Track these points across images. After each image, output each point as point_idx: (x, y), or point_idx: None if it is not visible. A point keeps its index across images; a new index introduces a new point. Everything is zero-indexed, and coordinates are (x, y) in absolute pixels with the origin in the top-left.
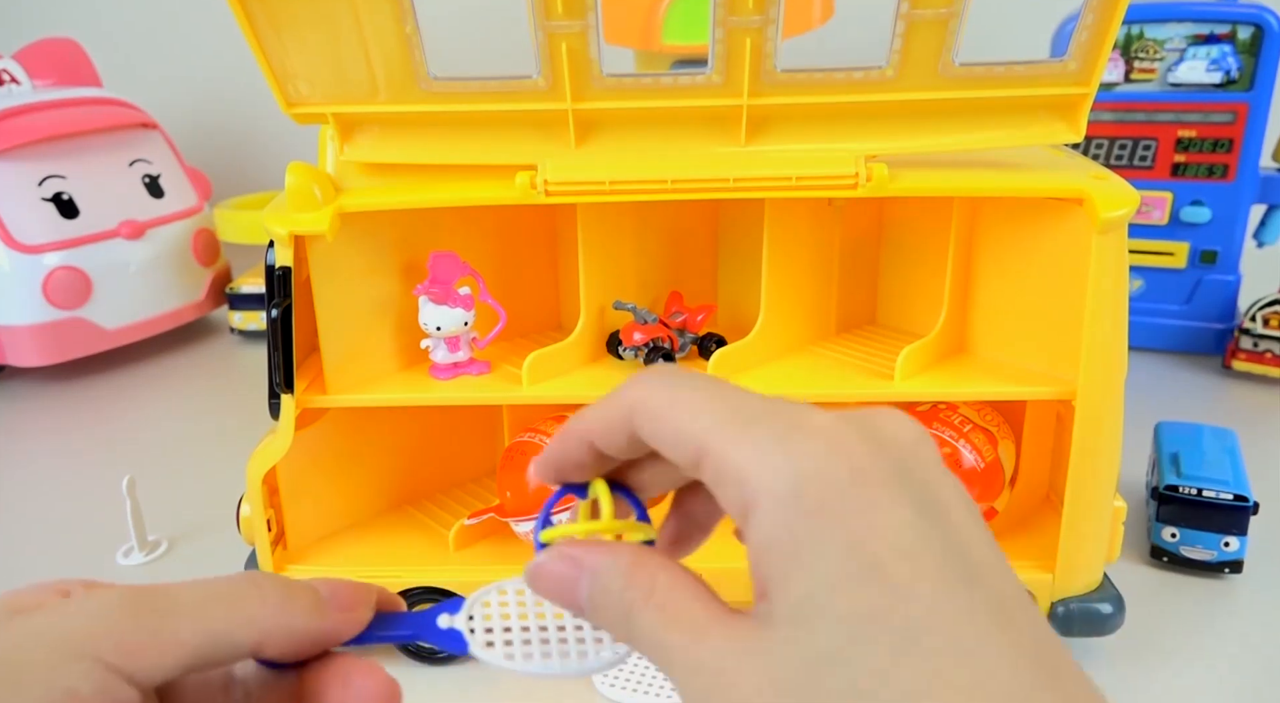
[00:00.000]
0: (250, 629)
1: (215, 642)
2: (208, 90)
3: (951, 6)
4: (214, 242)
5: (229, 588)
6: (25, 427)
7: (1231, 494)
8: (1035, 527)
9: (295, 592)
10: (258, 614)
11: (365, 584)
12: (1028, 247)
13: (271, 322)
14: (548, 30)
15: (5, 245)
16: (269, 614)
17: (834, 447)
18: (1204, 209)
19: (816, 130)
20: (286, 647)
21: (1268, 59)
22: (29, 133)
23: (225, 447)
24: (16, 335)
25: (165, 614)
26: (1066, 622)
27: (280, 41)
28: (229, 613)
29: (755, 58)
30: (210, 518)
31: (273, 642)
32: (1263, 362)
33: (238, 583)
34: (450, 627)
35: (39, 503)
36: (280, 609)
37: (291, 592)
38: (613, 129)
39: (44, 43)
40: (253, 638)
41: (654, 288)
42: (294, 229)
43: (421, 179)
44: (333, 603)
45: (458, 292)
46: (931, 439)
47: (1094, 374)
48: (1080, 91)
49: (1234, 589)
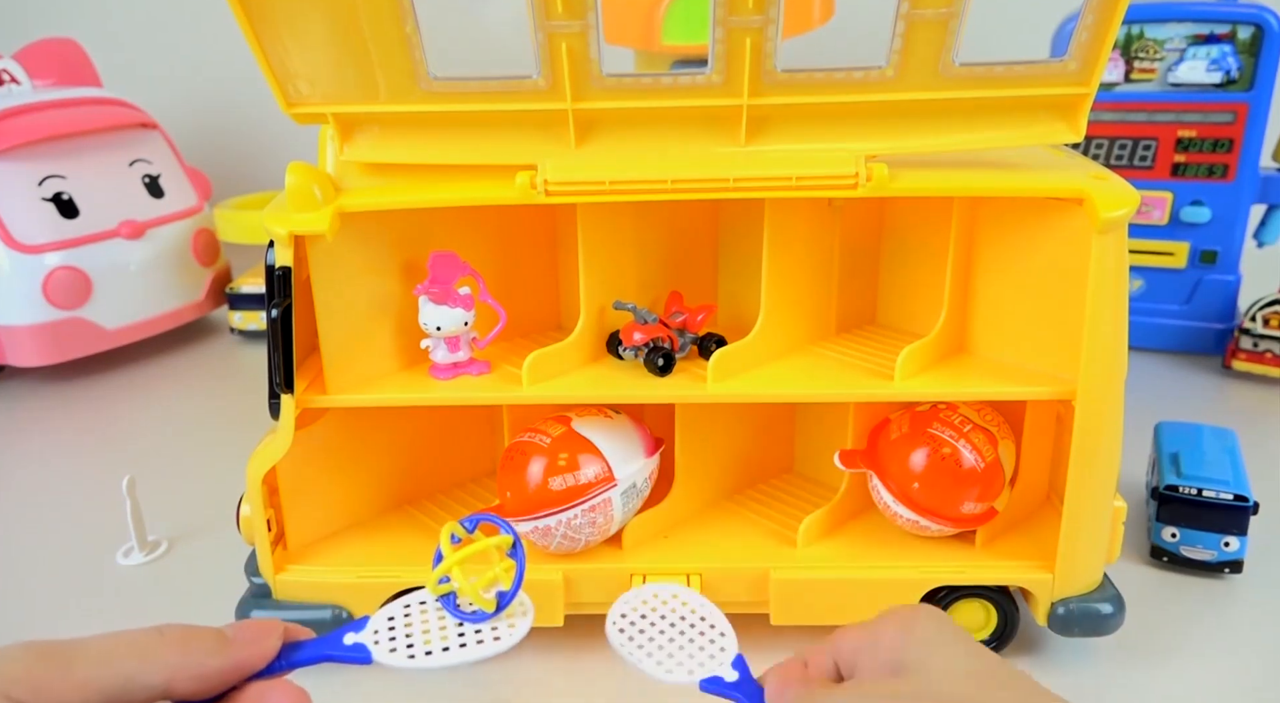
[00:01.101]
0: (157, 671)
1: (124, 684)
2: (208, 90)
3: (951, 6)
4: (214, 242)
5: (134, 636)
6: (25, 427)
7: (1231, 494)
8: (1035, 527)
9: (197, 634)
10: (161, 656)
11: (271, 620)
12: (1028, 247)
13: (271, 322)
14: (548, 30)
15: (5, 245)
16: (172, 656)
17: None
18: (1204, 209)
19: (816, 130)
20: (196, 684)
21: (1268, 59)
22: (29, 133)
23: (225, 447)
24: (16, 335)
25: (74, 659)
26: (1066, 622)
27: (280, 41)
28: (134, 656)
29: (755, 58)
30: (210, 518)
31: (181, 679)
32: (1263, 362)
33: (143, 632)
34: (356, 642)
35: (39, 503)
36: (183, 650)
37: (193, 634)
38: (613, 129)
39: (44, 43)
40: (161, 678)
41: (654, 288)
42: (294, 229)
43: (421, 179)
44: (237, 641)
45: (458, 292)
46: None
47: (1094, 374)
48: (1080, 91)
49: (1234, 589)
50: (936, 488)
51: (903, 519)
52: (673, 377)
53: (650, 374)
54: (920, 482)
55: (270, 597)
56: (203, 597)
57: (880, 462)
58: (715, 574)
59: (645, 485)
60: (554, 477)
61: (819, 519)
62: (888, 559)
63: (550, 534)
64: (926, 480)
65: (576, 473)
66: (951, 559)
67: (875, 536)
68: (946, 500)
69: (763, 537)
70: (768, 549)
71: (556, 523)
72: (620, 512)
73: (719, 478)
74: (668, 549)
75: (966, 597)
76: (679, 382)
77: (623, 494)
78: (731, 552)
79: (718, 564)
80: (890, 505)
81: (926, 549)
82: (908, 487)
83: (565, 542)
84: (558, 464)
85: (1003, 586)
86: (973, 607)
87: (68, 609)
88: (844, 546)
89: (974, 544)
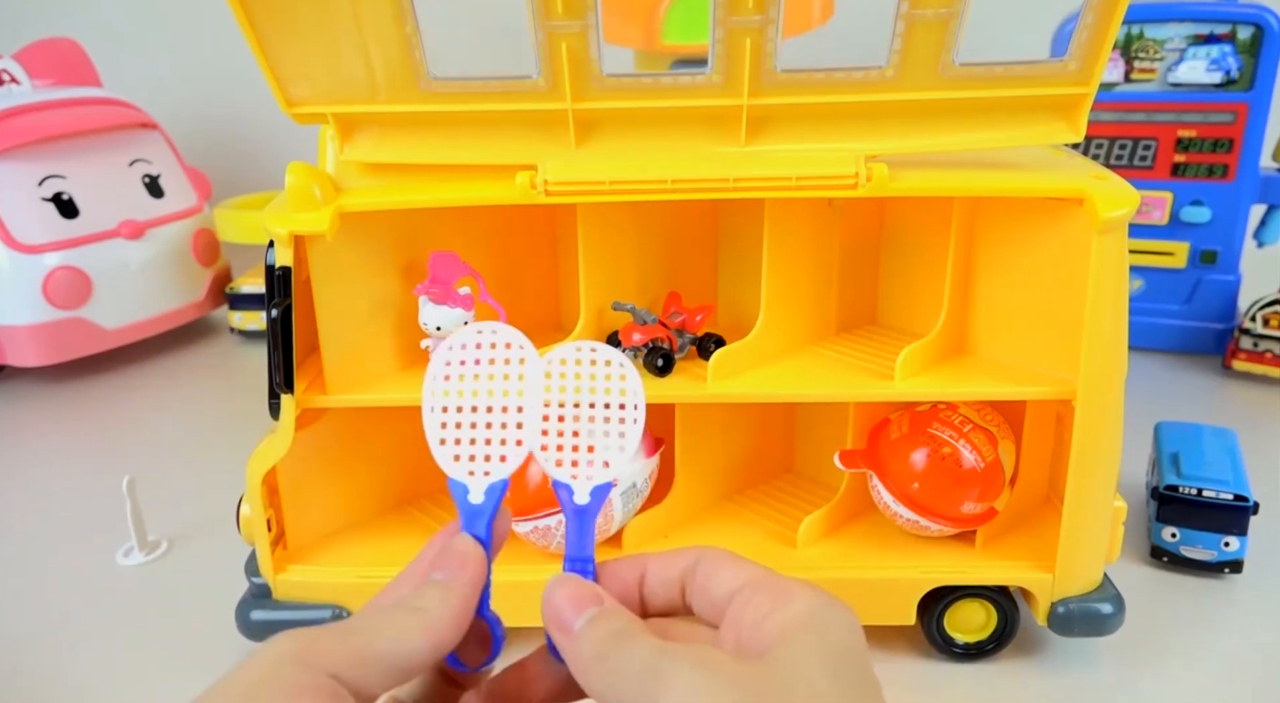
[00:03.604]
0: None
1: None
2: (208, 90)
3: (951, 6)
4: (214, 242)
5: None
6: (25, 427)
7: (1231, 494)
8: (1035, 527)
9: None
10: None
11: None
12: (1028, 247)
13: (271, 322)
14: (548, 30)
15: (5, 245)
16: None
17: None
18: (1204, 209)
19: (816, 130)
20: (457, 634)
21: (1268, 59)
22: (29, 133)
23: (225, 447)
24: (16, 335)
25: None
26: (1066, 622)
27: (280, 41)
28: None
29: (755, 58)
30: (210, 518)
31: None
32: (1263, 362)
33: (392, 609)
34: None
35: (39, 503)
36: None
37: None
38: (613, 129)
39: (44, 43)
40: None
41: (653, 288)
42: (294, 229)
43: (421, 179)
44: (453, 583)
45: (458, 292)
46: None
47: (1094, 374)
48: (1080, 91)
49: (1234, 589)
50: (936, 488)
51: (903, 519)
52: (672, 377)
53: (650, 374)
54: (920, 482)
55: (270, 597)
56: (203, 597)
57: (880, 462)
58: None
59: (645, 485)
60: None
61: (819, 519)
62: (888, 559)
63: (550, 534)
64: (926, 480)
65: None
66: (951, 559)
67: (875, 536)
68: (946, 500)
69: (763, 537)
70: (768, 549)
71: (556, 523)
72: (620, 512)
73: (719, 478)
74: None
75: (966, 597)
76: (678, 382)
77: (623, 494)
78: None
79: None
80: (890, 505)
81: (926, 549)
82: (908, 487)
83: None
84: None
85: (1003, 586)
86: (973, 607)
87: (68, 609)
88: (844, 546)
89: (974, 544)
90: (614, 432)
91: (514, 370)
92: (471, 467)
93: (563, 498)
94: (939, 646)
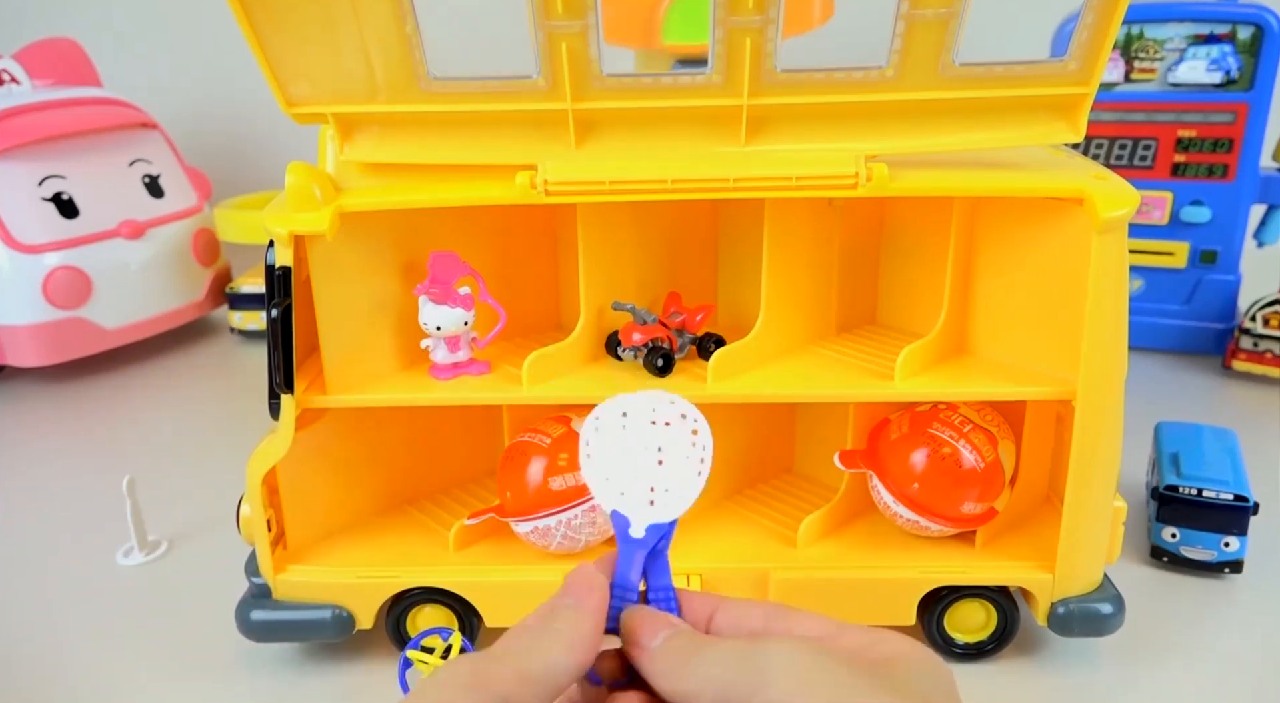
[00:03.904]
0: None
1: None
2: (208, 90)
3: (951, 6)
4: (214, 242)
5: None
6: (25, 427)
7: (1231, 494)
8: (1035, 527)
9: (566, 611)
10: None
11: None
12: (1028, 247)
13: (271, 322)
14: (548, 30)
15: (5, 245)
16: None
17: None
18: (1204, 209)
19: (816, 130)
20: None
21: (1268, 59)
22: (29, 133)
23: (225, 447)
24: (16, 335)
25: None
26: (1066, 622)
27: (280, 41)
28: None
29: (755, 58)
30: (210, 518)
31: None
32: (1263, 362)
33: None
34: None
35: (39, 503)
36: (573, 628)
37: (568, 613)
38: (613, 129)
39: (44, 43)
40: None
41: (653, 288)
42: (294, 229)
43: (421, 179)
44: (583, 606)
45: (458, 292)
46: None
47: (1094, 374)
48: (1080, 91)
49: (1234, 589)
50: (936, 488)
51: (903, 519)
52: (672, 377)
53: (650, 374)
54: (920, 482)
55: (270, 597)
56: (203, 597)
57: (880, 462)
58: (715, 574)
59: None
60: (554, 477)
61: (819, 519)
62: (888, 559)
63: (550, 534)
64: (926, 480)
65: (576, 473)
66: (951, 559)
67: (875, 536)
68: (946, 500)
69: (763, 537)
70: (768, 549)
71: (556, 523)
72: None
73: (719, 478)
74: None
75: (966, 597)
76: (678, 382)
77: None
78: (731, 552)
79: (718, 564)
80: (890, 506)
81: (926, 549)
82: (908, 487)
83: (565, 542)
84: (558, 464)
85: (1003, 586)
86: (973, 607)
87: (68, 609)
88: (844, 546)
89: (974, 544)
90: (688, 476)
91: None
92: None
93: (619, 529)
94: (939, 646)
